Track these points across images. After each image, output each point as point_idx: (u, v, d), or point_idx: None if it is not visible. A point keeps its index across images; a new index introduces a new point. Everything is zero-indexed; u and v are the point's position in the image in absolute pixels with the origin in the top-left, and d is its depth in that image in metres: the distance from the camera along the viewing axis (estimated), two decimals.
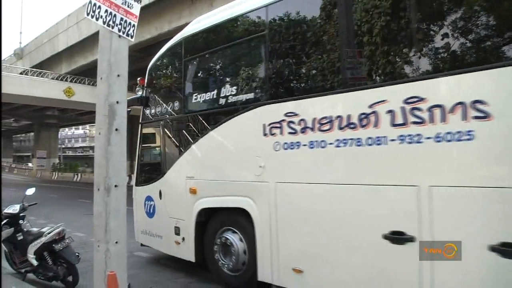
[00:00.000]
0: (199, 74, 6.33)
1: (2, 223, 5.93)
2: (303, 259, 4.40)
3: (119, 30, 3.56)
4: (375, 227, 3.72)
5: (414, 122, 3.45)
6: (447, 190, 3.32)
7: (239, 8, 5.32)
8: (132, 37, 3.66)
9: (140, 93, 6.90)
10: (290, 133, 4.44)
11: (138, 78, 6.91)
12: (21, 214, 5.97)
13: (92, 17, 3.51)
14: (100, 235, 3.19)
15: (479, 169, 3.22)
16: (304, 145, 4.30)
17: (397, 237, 3.54)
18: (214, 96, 5.55)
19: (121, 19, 3.59)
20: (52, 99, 31.29)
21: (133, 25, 3.68)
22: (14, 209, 6.01)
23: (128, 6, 3.67)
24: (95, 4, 3.50)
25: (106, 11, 3.53)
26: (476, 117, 3.11)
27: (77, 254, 5.51)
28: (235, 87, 5.27)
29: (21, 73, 33.89)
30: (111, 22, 3.53)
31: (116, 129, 3.32)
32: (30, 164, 57.14)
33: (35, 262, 5.50)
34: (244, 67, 5.37)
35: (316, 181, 4.27)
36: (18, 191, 21.68)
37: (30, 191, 6.35)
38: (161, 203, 6.27)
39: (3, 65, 38.77)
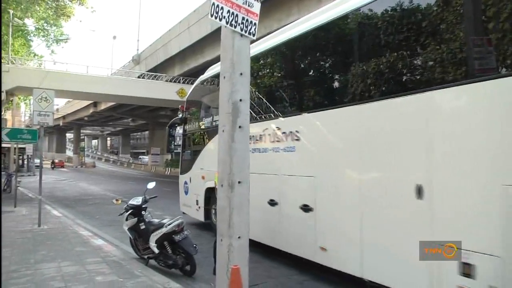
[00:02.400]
0: (207, 107, 9.95)
1: (127, 213, 6.52)
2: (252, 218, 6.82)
3: (241, 29, 3.58)
4: (264, 197, 6.58)
5: (277, 141, 6.51)
6: (288, 177, 6.29)
7: (216, 69, 8.25)
8: (254, 35, 3.67)
9: (181, 115, 10.71)
10: None
11: (179, 105, 11.06)
12: (143, 206, 6.49)
13: (216, 18, 3.60)
14: (224, 229, 3.24)
15: (298, 166, 6.10)
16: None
17: (272, 203, 6.53)
18: (212, 120, 8.86)
19: (243, 18, 3.62)
20: (166, 100, 33.78)
21: (254, 24, 3.69)
22: (137, 201, 6.55)
23: (249, 5, 3.69)
24: (218, 6, 3.58)
25: (229, 11, 3.59)
26: (294, 139, 6.07)
27: (194, 245, 5.78)
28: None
29: (138, 77, 37.24)
30: (233, 22, 3.58)
31: (240, 127, 3.32)
32: (145, 158, 62.40)
33: (156, 250, 5.92)
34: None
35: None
36: (136, 184, 23.80)
37: (151, 185, 6.85)
38: (191, 185, 10.05)
39: (123, 70, 43.05)
